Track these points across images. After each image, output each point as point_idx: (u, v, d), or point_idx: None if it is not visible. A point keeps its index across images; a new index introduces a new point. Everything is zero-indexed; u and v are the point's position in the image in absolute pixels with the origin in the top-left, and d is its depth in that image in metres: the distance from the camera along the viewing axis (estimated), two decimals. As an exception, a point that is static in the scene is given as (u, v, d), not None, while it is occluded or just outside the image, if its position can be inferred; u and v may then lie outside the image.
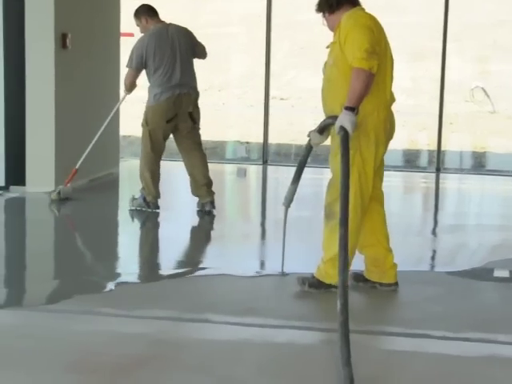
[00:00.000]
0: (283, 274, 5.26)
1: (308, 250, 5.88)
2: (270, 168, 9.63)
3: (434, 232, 6.97)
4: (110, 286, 5.05)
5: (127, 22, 9.71)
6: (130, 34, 11.98)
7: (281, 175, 9.60)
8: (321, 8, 4.90)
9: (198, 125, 7.13)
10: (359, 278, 5.06)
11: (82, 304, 4.59)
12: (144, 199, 7.04)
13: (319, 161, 9.15)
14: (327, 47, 4.89)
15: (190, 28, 7.20)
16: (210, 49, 7.25)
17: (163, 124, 6.93)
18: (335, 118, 4.50)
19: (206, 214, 7.07)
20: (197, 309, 4.52)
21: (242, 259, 5.82)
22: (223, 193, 8.85)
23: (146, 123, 6.98)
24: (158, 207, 7.07)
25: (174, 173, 8.67)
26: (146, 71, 6.96)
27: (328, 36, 4.87)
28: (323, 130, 4.75)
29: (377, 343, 4.15)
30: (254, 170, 9.63)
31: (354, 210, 4.67)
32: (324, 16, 4.91)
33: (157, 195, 7.06)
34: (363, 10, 4.87)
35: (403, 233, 6.74)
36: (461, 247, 6.23)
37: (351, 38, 4.60)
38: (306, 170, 5.20)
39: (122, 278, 5.25)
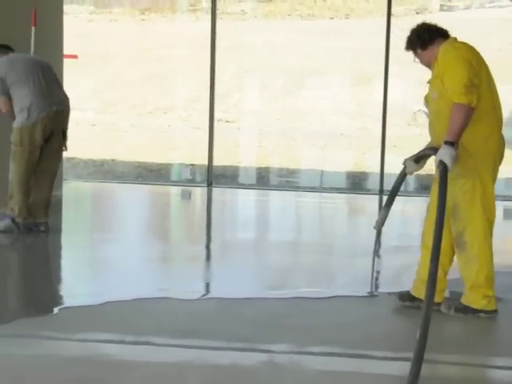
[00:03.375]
0: (372, 295, 5.42)
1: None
2: (214, 190, 9.64)
3: (378, 253, 7.02)
4: (52, 309, 5.01)
5: (71, 44, 9.69)
6: (74, 56, 11.94)
7: (226, 197, 9.61)
8: (412, 45, 4.96)
9: (66, 143, 7.06)
10: (404, 297, 5.15)
11: (23, 327, 4.54)
12: (13, 220, 6.91)
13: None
14: (428, 82, 4.95)
15: (135, 50, 7.18)
16: (156, 71, 7.25)
17: (40, 143, 6.82)
18: (434, 149, 4.63)
19: (40, 232, 6.97)
20: (139, 331, 4.50)
21: (186, 281, 5.80)
22: (168, 215, 8.83)
23: (20, 143, 6.75)
24: (29, 228, 6.92)
25: (119, 195, 8.63)
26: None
27: (272, 60, 4.91)
28: (420, 159, 4.89)
29: (316, 364, 4.16)
30: (198, 193, 9.63)
31: (485, 240, 4.83)
32: (416, 53, 4.97)
33: (27, 216, 6.92)
34: (456, 40, 4.94)
35: (348, 254, 6.81)
36: (404, 268, 6.27)
37: (450, 72, 4.69)
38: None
39: (64, 301, 5.20)
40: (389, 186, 9.65)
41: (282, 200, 9.54)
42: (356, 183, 11.34)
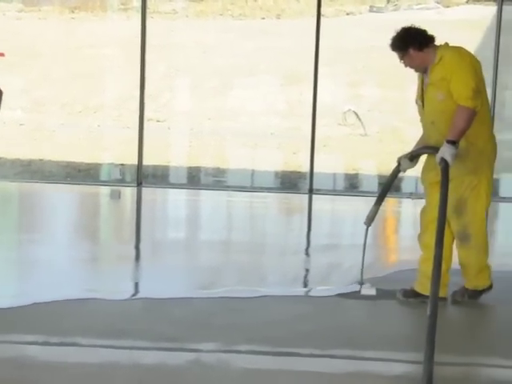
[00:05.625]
0: (361, 284, 5.48)
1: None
2: (144, 190, 9.57)
3: (307, 252, 7.07)
4: (-25, 310, 4.93)
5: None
6: (1, 54, 11.75)
7: (156, 197, 9.56)
8: (406, 45, 5.10)
9: None
10: (408, 294, 5.31)
11: None
12: None
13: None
14: (430, 84, 5.09)
15: (65, 48, 7.11)
16: (86, 70, 7.17)
17: None
18: (431, 148, 4.93)
19: None
20: (65, 332, 4.46)
21: (114, 281, 5.76)
22: (97, 215, 8.75)
23: None
24: None
25: (47, 195, 8.52)
26: None
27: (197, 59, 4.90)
28: (414, 157, 5.12)
29: (243, 363, 4.17)
30: (128, 192, 9.56)
31: (486, 230, 5.16)
32: (406, 53, 5.11)
33: None
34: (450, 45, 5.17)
35: (277, 253, 6.84)
36: (332, 266, 6.34)
37: (458, 75, 4.93)
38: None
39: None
40: (319, 185, 9.83)
41: (212, 200, 9.53)
42: (286, 183, 11.39)
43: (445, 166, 4.64)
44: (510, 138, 5.38)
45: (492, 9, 10.01)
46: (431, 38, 5.13)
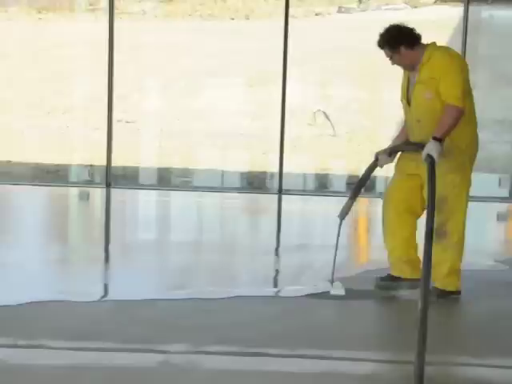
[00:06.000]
0: (332, 282, 5.47)
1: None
2: (114, 191, 9.53)
3: (277, 252, 7.08)
4: None
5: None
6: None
7: (125, 198, 9.52)
8: (398, 43, 5.14)
9: None
10: (386, 279, 5.51)
11: None
12: None
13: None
14: (418, 83, 5.15)
15: (32, 49, 7.05)
16: (54, 71, 7.12)
17: None
18: (413, 145, 5.09)
19: None
20: (33, 335, 4.43)
21: (83, 283, 5.73)
22: (66, 216, 8.71)
23: None
24: None
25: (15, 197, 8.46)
26: None
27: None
28: (393, 153, 5.25)
29: (213, 363, 4.17)
30: (97, 194, 9.52)
31: (464, 230, 5.26)
32: (397, 51, 5.16)
33: None
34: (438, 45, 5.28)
35: (248, 253, 6.84)
36: (302, 267, 6.35)
37: (447, 75, 5.02)
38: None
39: (-44, 306, 5.08)
40: (288, 185, 9.84)
41: (182, 200, 9.52)
42: (256, 183, 11.40)
43: (431, 162, 4.71)
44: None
45: (459, 9, 10.07)
46: (419, 37, 5.21)
